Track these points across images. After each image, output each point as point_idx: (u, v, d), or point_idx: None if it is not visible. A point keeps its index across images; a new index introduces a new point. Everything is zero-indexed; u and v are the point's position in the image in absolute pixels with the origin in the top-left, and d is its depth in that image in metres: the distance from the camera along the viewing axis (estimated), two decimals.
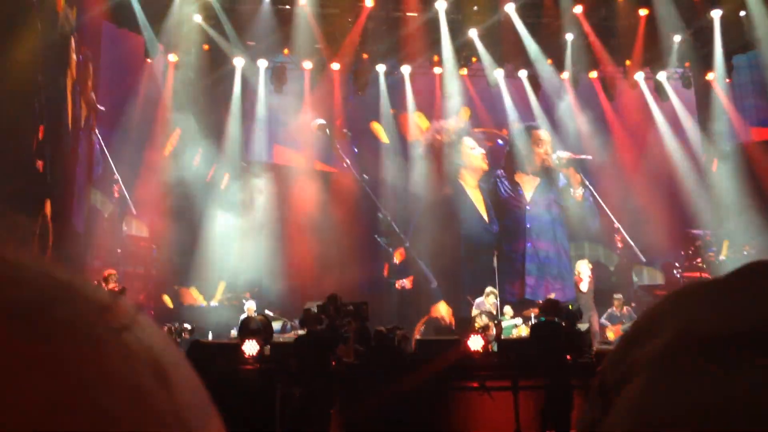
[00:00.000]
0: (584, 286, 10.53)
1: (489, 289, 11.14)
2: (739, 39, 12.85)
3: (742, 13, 12.59)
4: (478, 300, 11.00)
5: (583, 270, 10.70)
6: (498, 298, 11.05)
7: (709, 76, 13.48)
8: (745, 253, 11.24)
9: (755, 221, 11.67)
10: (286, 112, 13.38)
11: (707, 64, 13.39)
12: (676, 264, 11.69)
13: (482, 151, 13.67)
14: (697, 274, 11.34)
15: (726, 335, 0.36)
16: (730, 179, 12.63)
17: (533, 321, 10.98)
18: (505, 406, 7.06)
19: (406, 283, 12.87)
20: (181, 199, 12.26)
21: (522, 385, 7.09)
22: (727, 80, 13.32)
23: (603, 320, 10.56)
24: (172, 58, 12.70)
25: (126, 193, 11.87)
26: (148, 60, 12.51)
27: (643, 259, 11.40)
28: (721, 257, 11.75)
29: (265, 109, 13.41)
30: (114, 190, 11.94)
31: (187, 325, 9.85)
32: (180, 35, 12.24)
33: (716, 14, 12.79)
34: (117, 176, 11.78)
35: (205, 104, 12.99)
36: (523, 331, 10.58)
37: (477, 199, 13.52)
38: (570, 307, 7.60)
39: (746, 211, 11.96)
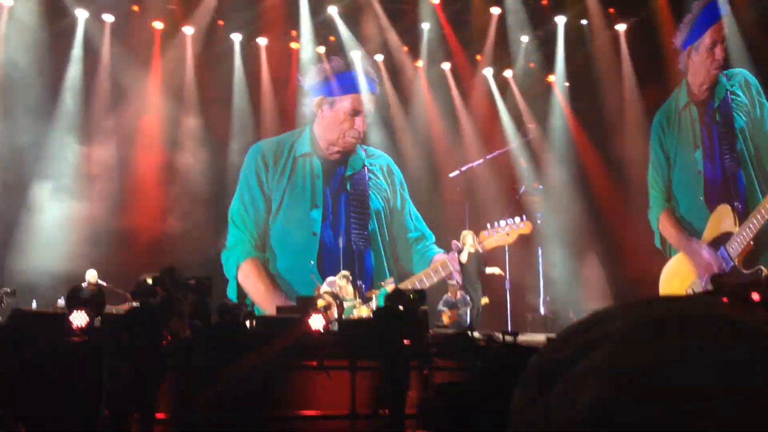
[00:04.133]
0: (464, 257, 10.83)
1: (343, 272, 11.17)
2: (579, 45, 13.78)
3: (584, 21, 13.53)
4: (330, 279, 11.05)
5: (468, 240, 10.97)
6: (349, 280, 11.08)
7: (551, 78, 14.32)
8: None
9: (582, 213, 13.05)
10: (131, 75, 12.64)
11: (549, 66, 14.21)
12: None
13: None
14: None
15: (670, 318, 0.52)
16: (562, 173, 13.76)
17: (374, 304, 11.21)
18: (342, 386, 7.16)
19: None
20: (10, 164, 11.34)
21: (360, 366, 7.21)
22: (566, 83, 14.23)
23: (440, 306, 10.95)
24: (6, 1, 11.63)
25: None
26: None
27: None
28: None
29: (108, 70, 12.56)
30: None
31: (7, 288, 9.17)
32: None
33: (560, 20, 13.64)
34: None
35: (43, 58, 11.94)
36: (364, 312, 10.77)
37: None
38: (411, 296, 7.86)
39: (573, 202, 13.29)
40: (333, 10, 13.04)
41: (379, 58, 13.84)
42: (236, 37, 13.21)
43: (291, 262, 12.26)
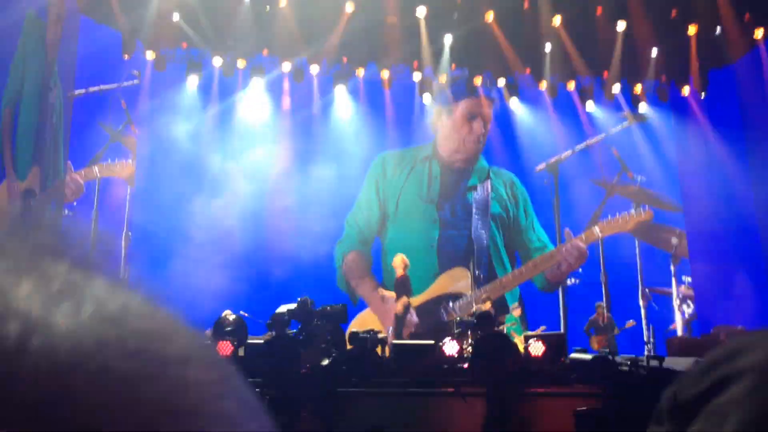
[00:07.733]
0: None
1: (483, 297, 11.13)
2: (714, 54, 13.06)
3: (718, 30, 12.81)
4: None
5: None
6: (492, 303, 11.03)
7: (685, 90, 13.66)
8: None
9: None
10: (262, 117, 13.38)
11: (683, 78, 13.58)
12: None
13: None
14: None
15: None
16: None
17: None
18: (478, 412, 7.05)
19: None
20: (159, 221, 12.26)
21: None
22: (702, 94, 13.53)
23: (587, 330, 10.65)
24: (150, 55, 12.55)
25: None
26: (125, 56, 12.35)
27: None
28: None
29: (241, 115, 13.37)
30: None
31: None
32: (158, 32, 12.11)
33: (692, 30, 12.98)
34: None
35: (186, 113, 12.95)
36: None
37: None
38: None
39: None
40: (452, 40, 13.09)
41: (502, 82, 13.80)
42: (360, 72, 13.58)
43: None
